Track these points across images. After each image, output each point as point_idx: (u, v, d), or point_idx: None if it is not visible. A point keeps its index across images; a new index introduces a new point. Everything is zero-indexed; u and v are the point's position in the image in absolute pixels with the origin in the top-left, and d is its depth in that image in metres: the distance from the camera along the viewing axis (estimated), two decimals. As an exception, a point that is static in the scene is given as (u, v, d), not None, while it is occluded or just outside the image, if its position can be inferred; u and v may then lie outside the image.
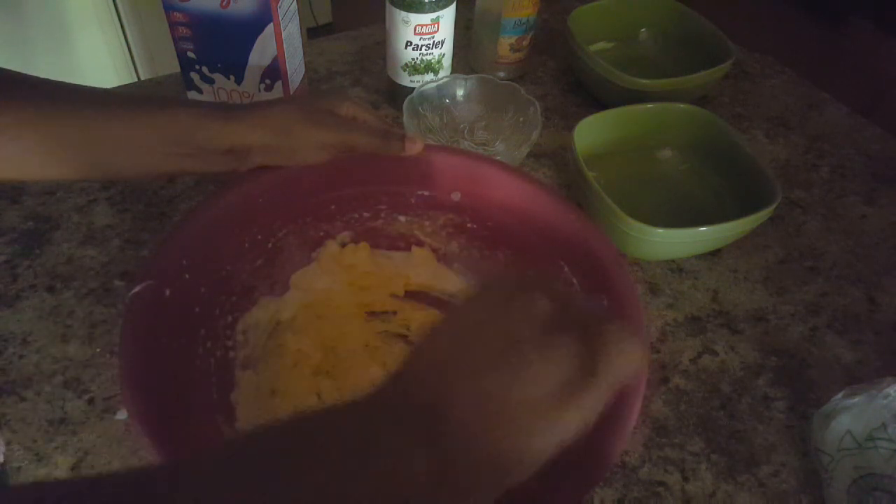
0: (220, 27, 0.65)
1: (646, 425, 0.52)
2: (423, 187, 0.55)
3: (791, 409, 0.53)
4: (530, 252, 0.54)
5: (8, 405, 0.50)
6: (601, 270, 0.48)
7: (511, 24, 0.76)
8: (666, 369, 0.55)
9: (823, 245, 0.66)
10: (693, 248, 0.62)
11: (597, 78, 0.75)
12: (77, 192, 0.65)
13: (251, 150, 0.49)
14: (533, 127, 0.67)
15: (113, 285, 0.57)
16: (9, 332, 0.54)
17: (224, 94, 0.70)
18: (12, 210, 0.63)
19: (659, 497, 0.48)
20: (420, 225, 0.58)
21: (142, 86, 0.85)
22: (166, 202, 0.64)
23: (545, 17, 0.90)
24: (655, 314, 0.59)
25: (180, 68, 0.70)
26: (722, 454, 0.50)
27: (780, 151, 0.76)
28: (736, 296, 0.61)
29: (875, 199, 0.71)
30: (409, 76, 0.73)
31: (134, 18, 1.39)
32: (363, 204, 0.56)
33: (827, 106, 0.83)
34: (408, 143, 0.51)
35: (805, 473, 0.50)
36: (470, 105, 0.73)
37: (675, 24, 0.83)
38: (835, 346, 0.58)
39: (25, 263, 0.58)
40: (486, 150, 0.70)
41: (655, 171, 0.71)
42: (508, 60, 0.80)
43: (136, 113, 0.46)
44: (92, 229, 0.62)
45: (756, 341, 0.58)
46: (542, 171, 0.71)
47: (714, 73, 0.74)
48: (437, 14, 0.68)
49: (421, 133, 0.69)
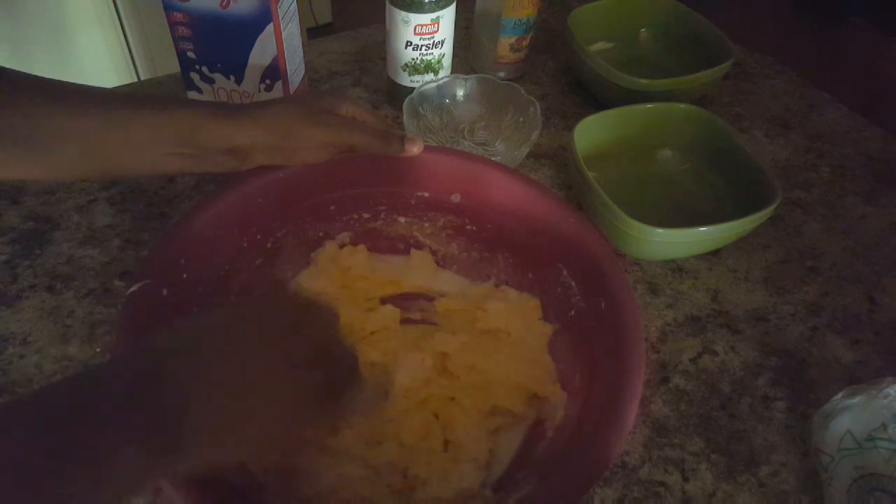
0: (220, 27, 0.65)
1: (646, 425, 0.52)
2: (423, 188, 0.55)
3: (791, 409, 0.53)
4: (530, 254, 0.54)
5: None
6: (599, 273, 0.48)
7: (511, 24, 0.76)
8: (666, 369, 0.55)
9: (823, 245, 0.66)
10: (693, 248, 0.62)
11: (597, 78, 0.74)
12: (77, 192, 0.65)
13: (251, 151, 0.49)
14: (533, 127, 0.67)
15: (113, 285, 0.57)
16: (9, 332, 0.54)
17: (224, 94, 0.70)
18: (12, 210, 0.63)
19: (659, 497, 0.48)
20: (420, 226, 0.58)
21: (142, 86, 0.85)
22: (166, 202, 0.64)
23: (545, 17, 0.90)
24: (655, 314, 0.59)
25: (180, 68, 0.70)
26: (722, 454, 0.50)
27: (780, 151, 0.76)
28: (736, 296, 0.61)
29: (875, 199, 0.71)
30: (409, 76, 0.73)
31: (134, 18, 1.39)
32: (363, 205, 0.56)
33: (827, 106, 0.83)
34: (407, 144, 0.51)
35: (805, 473, 0.50)
36: (470, 105, 0.73)
37: (675, 24, 0.83)
38: (835, 346, 0.58)
39: (25, 263, 0.58)
40: (486, 150, 0.70)
41: (655, 171, 0.71)
42: (508, 60, 0.80)
43: (137, 112, 0.46)
44: (92, 229, 0.62)
45: (756, 341, 0.58)
46: (542, 171, 0.71)
47: (714, 73, 0.74)
48: (437, 14, 0.68)
49: (421, 133, 0.69)
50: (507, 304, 0.54)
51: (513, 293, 0.55)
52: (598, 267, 0.48)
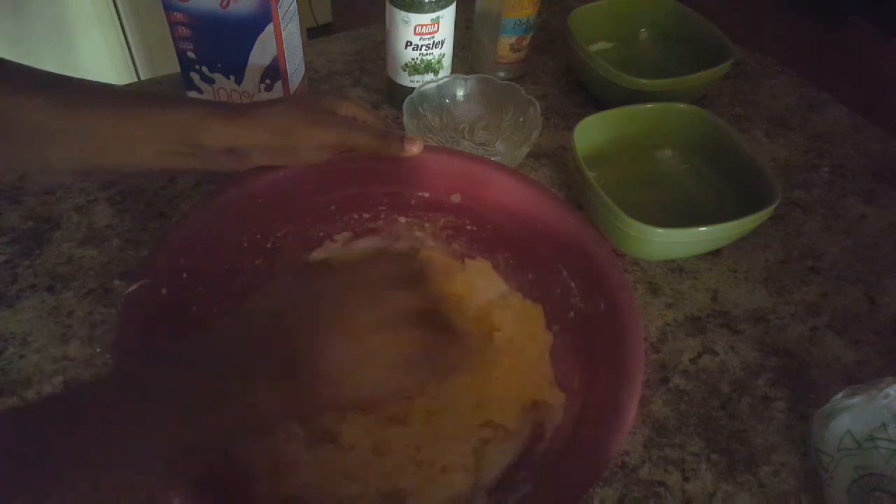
0: (220, 27, 0.65)
1: (646, 425, 0.52)
2: (424, 189, 0.55)
3: (791, 409, 0.53)
4: (529, 255, 0.54)
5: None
6: (599, 274, 0.48)
7: (511, 24, 0.76)
8: (666, 369, 0.55)
9: (823, 245, 0.66)
10: (693, 248, 0.62)
11: (597, 78, 0.74)
12: (77, 192, 0.65)
13: (251, 151, 0.49)
14: (533, 127, 0.67)
15: (113, 285, 0.57)
16: (9, 332, 0.54)
17: (224, 94, 0.70)
18: (12, 210, 0.63)
19: (659, 497, 0.48)
20: (420, 226, 0.58)
21: (142, 86, 0.85)
22: (166, 202, 0.64)
23: (545, 17, 0.90)
24: (655, 314, 0.59)
25: (180, 68, 0.70)
26: (722, 454, 0.51)
27: (780, 151, 0.76)
28: (736, 296, 0.61)
29: (875, 199, 0.71)
30: (409, 76, 0.73)
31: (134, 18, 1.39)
32: (363, 204, 0.56)
33: (827, 106, 0.83)
34: (407, 143, 0.51)
35: (805, 473, 0.50)
36: (470, 105, 0.73)
37: (675, 24, 0.83)
38: (835, 346, 0.58)
39: (25, 263, 0.58)
40: (486, 150, 0.70)
41: (655, 171, 0.71)
42: (508, 60, 0.80)
43: (137, 109, 0.46)
44: (92, 229, 0.62)
45: (756, 341, 0.58)
46: (542, 171, 0.71)
47: (714, 73, 0.74)
48: (437, 14, 0.68)
49: (421, 133, 0.69)
50: (513, 313, 0.54)
51: (517, 300, 0.55)
52: (597, 268, 0.48)
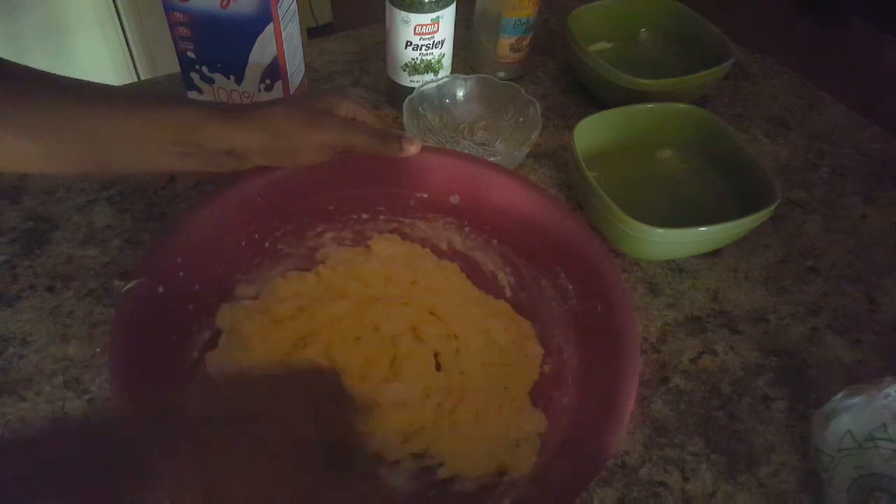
0: (220, 27, 0.65)
1: (646, 425, 0.52)
2: (422, 190, 0.55)
3: (791, 409, 0.53)
4: (528, 256, 0.54)
5: (8, 405, 0.50)
6: (596, 276, 0.48)
7: (511, 24, 0.76)
8: (666, 369, 0.55)
9: (823, 245, 0.66)
10: (693, 248, 0.62)
11: (597, 78, 0.74)
12: (77, 192, 0.65)
13: (250, 152, 0.49)
14: (533, 127, 0.67)
15: (113, 285, 0.57)
16: (9, 332, 0.54)
17: (224, 94, 0.70)
18: (12, 210, 0.63)
19: (659, 497, 0.48)
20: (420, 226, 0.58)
21: (142, 86, 0.85)
22: (166, 202, 0.64)
23: (545, 17, 0.90)
24: (655, 314, 0.59)
25: (180, 68, 0.70)
26: (722, 454, 0.50)
27: (780, 151, 0.76)
28: (736, 296, 0.61)
29: (875, 199, 0.71)
30: (409, 76, 0.73)
31: (134, 18, 1.39)
32: (362, 205, 0.56)
33: (827, 106, 0.83)
34: (405, 144, 0.51)
35: (805, 473, 0.50)
36: (470, 105, 0.73)
37: (675, 24, 0.83)
38: (835, 346, 0.58)
39: (25, 263, 0.58)
40: (486, 151, 0.70)
41: (655, 171, 0.71)
42: (508, 60, 0.80)
43: (137, 108, 0.46)
44: (92, 229, 0.62)
45: (756, 341, 0.58)
46: (542, 171, 0.71)
47: (714, 73, 0.74)
48: (437, 14, 0.68)
49: (421, 133, 0.69)
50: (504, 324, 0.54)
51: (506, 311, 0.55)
52: (595, 270, 0.49)
